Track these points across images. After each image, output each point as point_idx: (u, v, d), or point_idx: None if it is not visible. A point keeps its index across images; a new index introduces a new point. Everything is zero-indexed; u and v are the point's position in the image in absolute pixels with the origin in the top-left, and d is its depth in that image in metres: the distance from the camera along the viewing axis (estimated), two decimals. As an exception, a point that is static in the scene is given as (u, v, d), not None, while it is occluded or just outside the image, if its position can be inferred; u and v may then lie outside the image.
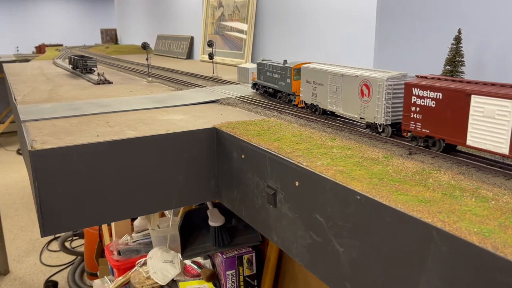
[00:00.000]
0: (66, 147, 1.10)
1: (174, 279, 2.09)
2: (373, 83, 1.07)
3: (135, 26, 6.40)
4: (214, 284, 2.02)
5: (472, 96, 0.83)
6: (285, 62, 1.55)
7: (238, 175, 1.20)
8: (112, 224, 2.87)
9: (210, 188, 1.33)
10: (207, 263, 2.12)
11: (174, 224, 2.29)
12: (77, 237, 4.38)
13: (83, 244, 4.00)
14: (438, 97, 0.91)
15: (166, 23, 4.98)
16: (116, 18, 7.81)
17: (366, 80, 1.09)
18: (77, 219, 1.15)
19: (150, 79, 2.39)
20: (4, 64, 3.50)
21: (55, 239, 4.43)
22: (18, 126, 1.65)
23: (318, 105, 1.32)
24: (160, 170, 1.23)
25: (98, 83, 2.26)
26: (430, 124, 0.94)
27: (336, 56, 2.28)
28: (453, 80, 0.91)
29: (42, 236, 1.14)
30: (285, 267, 2.01)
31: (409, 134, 1.02)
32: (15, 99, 1.81)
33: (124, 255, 2.46)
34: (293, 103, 1.50)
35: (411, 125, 0.98)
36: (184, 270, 2.12)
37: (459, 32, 1.28)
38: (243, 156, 1.16)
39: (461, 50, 1.29)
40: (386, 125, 1.07)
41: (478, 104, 0.83)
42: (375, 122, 1.09)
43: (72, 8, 10.41)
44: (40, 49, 8.59)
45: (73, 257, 4.12)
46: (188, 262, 2.13)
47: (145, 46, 2.32)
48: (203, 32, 3.79)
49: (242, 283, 1.99)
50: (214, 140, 1.29)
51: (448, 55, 1.31)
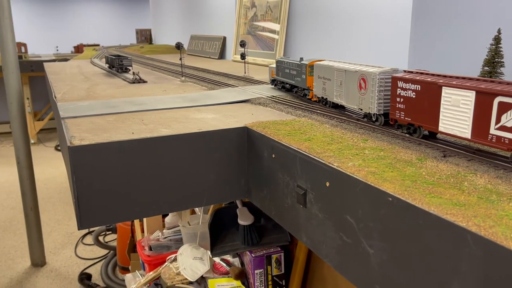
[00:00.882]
0: (103, 144, 1.13)
1: (203, 276, 2.11)
2: (368, 77, 1.19)
3: (169, 26, 6.51)
4: (243, 283, 2.04)
5: (443, 87, 0.95)
6: (301, 59, 1.66)
7: (268, 174, 1.21)
8: (144, 220, 2.94)
9: (240, 187, 1.34)
10: (236, 261, 2.14)
11: (204, 222, 2.32)
12: (110, 232, 4.49)
13: (115, 239, 4.11)
14: (417, 88, 1.03)
15: (199, 24, 5.05)
16: (151, 19, 7.97)
17: (363, 74, 1.21)
18: (111, 214, 1.19)
19: (184, 78, 2.43)
20: (45, 64, 3.63)
21: (89, 233, 4.57)
22: (58, 123, 1.72)
23: (327, 98, 1.45)
24: (192, 167, 1.25)
25: (133, 82, 2.32)
26: (411, 113, 1.06)
27: (369, 56, 2.25)
28: (432, 74, 1.02)
29: (79, 229, 1.18)
30: (313, 268, 2.00)
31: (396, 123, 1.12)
32: (55, 97, 1.89)
33: (155, 250, 2.51)
34: (307, 97, 1.63)
35: (397, 114, 1.11)
36: (213, 268, 2.14)
37: (499, 32, 1.24)
38: (273, 156, 1.17)
39: (500, 51, 1.25)
40: (379, 114, 1.18)
41: (447, 95, 0.94)
42: (370, 112, 1.20)
43: (109, 9, 10.70)
44: (78, 48, 8.88)
45: (106, 251, 4.24)
46: (217, 259, 2.16)
47: (179, 46, 2.36)
48: (236, 32, 3.82)
49: (270, 283, 1.99)
50: (245, 139, 1.30)
51: (486, 56, 1.27)
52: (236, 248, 1.95)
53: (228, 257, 2.16)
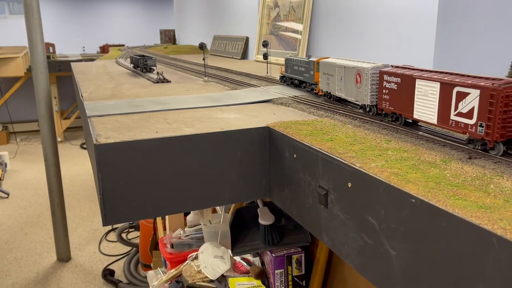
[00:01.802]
0: (128, 142, 1.16)
1: (224, 274, 2.13)
2: (362, 72, 1.31)
3: (193, 27, 6.57)
4: (263, 282, 2.04)
5: (416, 79, 1.08)
6: (309, 57, 1.81)
7: (290, 174, 1.21)
8: (166, 217, 2.98)
9: (261, 186, 1.34)
10: (256, 260, 2.14)
11: (225, 221, 2.33)
12: (133, 229, 4.57)
13: (138, 236, 4.17)
14: (398, 81, 1.15)
15: (222, 24, 5.09)
16: (175, 19, 8.07)
17: (358, 70, 1.34)
18: (135, 211, 1.21)
19: (206, 78, 2.45)
20: (72, 64, 3.72)
21: (112, 230, 4.65)
22: (84, 121, 1.76)
23: (330, 92, 1.58)
24: (214, 166, 1.26)
25: (157, 82, 2.35)
26: (394, 102, 1.19)
27: (393, 56, 2.22)
28: (411, 69, 1.14)
29: (103, 225, 1.21)
30: (334, 269, 1.99)
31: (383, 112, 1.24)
32: (82, 96, 1.93)
33: (177, 248, 2.54)
34: (314, 91, 1.77)
35: (383, 104, 1.23)
36: (234, 266, 2.15)
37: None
38: (295, 156, 1.17)
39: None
40: (371, 105, 1.30)
41: (420, 86, 1.07)
42: (364, 104, 1.32)
43: (134, 10, 10.88)
44: (104, 49, 9.05)
45: (129, 248, 4.31)
46: (237, 258, 2.17)
47: (202, 46, 2.38)
48: (258, 33, 3.83)
49: (290, 283, 1.99)
50: (267, 139, 1.31)
51: (515, 56, 1.24)
52: (256, 247, 1.96)
53: (248, 256, 2.17)
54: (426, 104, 1.05)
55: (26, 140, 8.62)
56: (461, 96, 0.94)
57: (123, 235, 4.47)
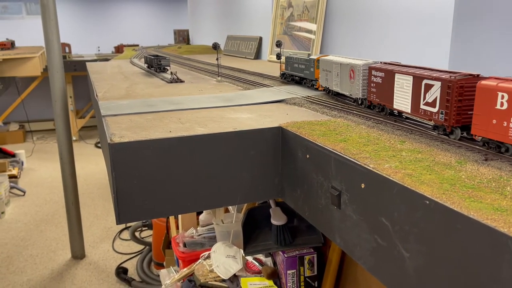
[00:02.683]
0: (141, 141, 1.17)
1: (236, 274, 2.13)
2: (355, 68, 1.43)
3: (206, 27, 6.60)
4: (275, 282, 2.04)
5: (396, 74, 1.20)
6: (309, 55, 1.96)
7: (302, 174, 1.20)
8: (179, 217, 2.99)
9: (274, 186, 1.34)
10: (268, 260, 2.14)
11: (238, 220, 2.34)
12: (146, 228, 4.61)
13: (151, 235, 4.21)
14: (382, 75, 1.28)
15: (236, 24, 5.10)
16: (189, 19, 8.11)
17: (352, 66, 1.45)
18: (148, 209, 1.22)
19: (220, 78, 2.46)
20: (87, 63, 3.77)
21: (126, 228, 4.70)
22: (99, 121, 1.78)
23: (328, 87, 1.70)
24: (226, 166, 1.26)
25: (171, 82, 2.37)
26: (379, 95, 1.31)
27: (408, 56, 2.20)
28: (396, 65, 1.26)
29: (117, 224, 1.22)
30: (346, 270, 1.98)
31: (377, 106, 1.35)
32: (96, 95, 1.95)
33: (189, 247, 2.55)
34: (314, 86, 1.89)
35: (371, 96, 1.36)
36: (246, 266, 2.16)
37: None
38: (307, 156, 1.17)
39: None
40: (363, 99, 1.42)
41: (398, 80, 1.20)
42: (357, 97, 1.45)
43: (148, 10, 10.97)
44: (119, 49, 9.15)
45: (142, 246, 4.35)
46: (249, 258, 2.17)
47: (215, 46, 2.39)
48: (272, 33, 3.83)
49: (302, 284, 1.98)
50: (279, 139, 1.31)
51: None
52: (268, 247, 1.96)
53: (260, 256, 2.17)
54: (402, 95, 1.19)
55: (42, 139, 8.75)
56: (428, 88, 1.08)
57: (136, 234, 4.51)
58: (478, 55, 1.93)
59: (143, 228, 4.63)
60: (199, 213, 2.93)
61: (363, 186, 0.93)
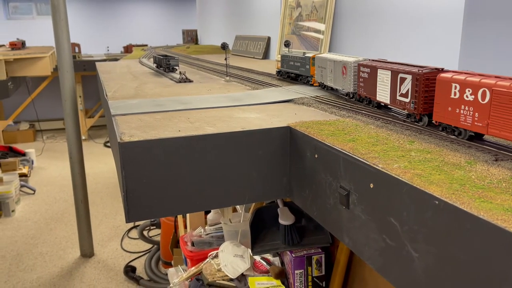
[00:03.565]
0: (151, 140, 1.18)
1: (244, 273, 2.14)
2: (347, 65, 1.55)
3: (215, 27, 6.62)
4: (283, 282, 2.04)
5: (378, 69, 1.33)
6: (304, 53, 2.06)
7: (311, 174, 1.20)
8: (187, 216, 3.01)
9: (282, 186, 1.35)
10: (276, 260, 2.14)
11: (245, 220, 2.34)
12: (154, 227, 4.63)
13: (159, 234, 4.23)
14: (368, 71, 1.40)
15: (244, 24, 5.10)
16: (197, 19, 8.13)
17: (345, 63, 1.58)
18: (157, 208, 1.23)
19: (228, 78, 2.47)
20: (97, 63, 3.80)
21: (134, 227, 4.73)
22: (108, 120, 1.80)
23: (323, 82, 1.82)
24: (235, 166, 1.27)
25: (180, 82, 2.38)
26: (366, 88, 1.44)
27: (417, 57, 2.19)
28: (380, 61, 1.38)
29: (126, 222, 1.23)
30: (354, 271, 1.98)
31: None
32: (106, 95, 1.97)
33: (197, 246, 2.56)
34: (310, 82, 2.00)
35: (360, 90, 1.48)
36: (254, 266, 2.16)
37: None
38: (316, 156, 1.17)
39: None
40: (353, 93, 1.55)
41: (380, 74, 1.32)
42: (348, 91, 1.58)
43: (157, 10, 11.01)
44: (128, 49, 9.20)
45: (150, 245, 4.37)
46: (257, 258, 2.17)
47: (224, 46, 2.40)
48: (280, 33, 3.83)
49: (310, 283, 1.98)
50: (288, 139, 1.31)
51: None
52: (276, 247, 1.96)
53: (268, 256, 2.17)
54: (383, 88, 1.32)
55: (52, 138, 8.83)
56: (402, 81, 1.21)
57: (145, 233, 4.53)
58: (488, 55, 1.91)
59: (151, 227, 4.65)
60: (207, 212, 2.94)
61: (371, 186, 0.93)
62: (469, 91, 0.98)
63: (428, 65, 1.19)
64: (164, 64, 2.78)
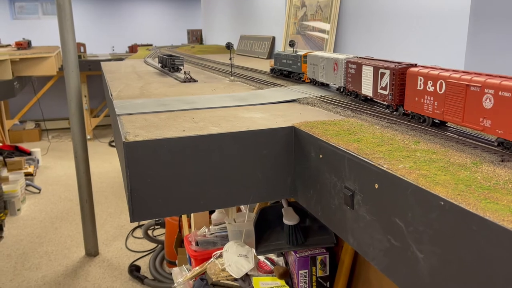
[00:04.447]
0: (155, 140, 1.18)
1: (248, 273, 2.14)
2: (338, 62, 1.68)
3: (220, 26, 6.62)
4: (287, 282, 2.04)
5: (363, 65, 1.46)
6: (296, 52, 2.16)
7: (315, 174, 1.20)
8: (192, 215, 3.01)
9: (286, 186, 1.34)
10: (280, 260, 2.14)
11: (250, 220, 2.34)
12: (158, 226, 4.64)
13: (164, 233, 4.24)
14: (355, 67, 1.53)
15: (249, 24, 5.10)
16: (202, 19, 8.14)
17: (336, 60, 1.70)
18: (162, 208, 1.23)
19: (233, 78, 2.47)
20: (102, 63, 3.81)
21: (139, 227, 4.74)
22: (113, 119, 1.80)
23: (315, 78, 1.94)
24: (239, 165, 1.27)
25: (184, 81, 2.38)
26: (353, 83, 1.56)
27: (423, 57, 2.18)
28: (366, 58, 1.50)
29: (131, 222, 1.23)
30: (359, 271, 1.97)
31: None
32: (111, 95, 1.97)
33: (202, 246, 2.57)
34: (301, 79, 2.10)
35: (348, 85, 1.60)
36: (258, 266, 2.16)
37: None
38: (321, 156, 1.17)
39: None
40: (344, 87, 1.67)
41: (364, 70, 1.45)
42: (339, 86, 1.70)
43: (162, 10, 11.04)
44: (133, 48, 9.23)
45: (154, 245, 4.38)
46: (261, 258, 2.17)
47: (229, 46, 2.40)
48: (285, 32, 3.83)
49: (314, 284, 1.98)
50: (292, 139, 1.31)
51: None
52: (280, 247, 1.96)
53: (272, 256, 2.17)
54: (367, 82, 1.44)
55: (57, 137, 8.87)
56: (382, 75, 1.33)
57: (149, 232, 4.55)
58: (494, 53, 1.90)
59: (156, 227, 4.67)
60: (211, 212, 2.94)
61: (376, 186, 0.93)
62: (430, 83, 1.11)
63: (404, 61, 1.30)
64: (169, 64, 2.79)
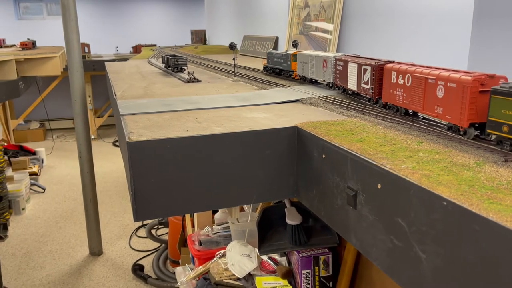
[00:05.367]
0: (159, 140, 1.18)
1: (251, 273, 2.14)
2: (327, 60, 1.81)
3: (223, 27, 6.63)
4: (289, 282, 2.04)
5: (349, 63, 1.60)
6: (286, 51, 2.32)
7: (318, 174, 1.20)
8: (195, 215, 3.02)
9: (289, 186, 1.35)
10: (283, 260, 2.14)
11: (253, 220, 2.34)
12: (162, 226, 4.65)
13: (167, 233, 4.24)
14: (342, 64, 1.66)
15: (252, 24, 5.10)
16: (206, 20, 8.15)
17: (325, 58, 1.83)
18: (165, 207, 1.24)
19: (236, 78, 2.47)
20: (106, 63, 3.82)
21: (142, 226, 4.75)
22: (117, 119, 1.81)
23: (305, 75, 2.08)
24: (242, 165, 1.27)
25: (188, 82, 2.39)
26: (341, 79, 1.70)
27: (427, 57, 2.17)
28: (352, 56, 1.63)
29: (135, 221, 1.24)
30: (361, 271, 1.97)
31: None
32: (115, 95, 1.98)
33: (205, 245, 2.57)
34: (292, 76, 2.26)
35: (337, 80, 1.75)
36: (261, 265, 2.16)
37: None
38: (324, 156, 1.17)
39: None
40: (333, 83, 1.79)
41: (350, 67, 1.60)
42: (329, 82, 1.84)
43: (165, 10, 11.06)
44: (137, 49, 9.24)
45: (158, 244, 4.39)
46: (264, 257, 2.18)
47: (232, 47, 2.40)
48: (288, 33, 3.83)
49: (317, 284, 1.98)
50: (295, 139, 1.31)
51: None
52: (283, 247, 1.96)
53: (275, 255, 2.17)
54: (352, 78, 1.58)
55: (61, 137, 8.91)
56: (364, 71, 1.47)
57: (153, 231, 4.55)
58: (499, 52, 1.89)
59: (159, 226, 4.67)
60: (214, 211, 2.95)
61: (379, 186, 0.93)
62: (400, 76, 1.26)
63: (383, 58, 1.43)
64: (173, 64, 2.80)
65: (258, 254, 2.13)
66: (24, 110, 8.34)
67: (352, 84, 1.59)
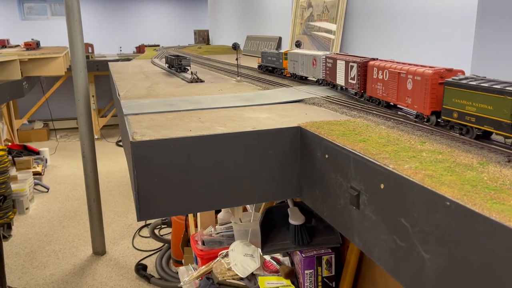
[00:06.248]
0: (162, 140, 1.19)
1: (254, 273, 2.14)
2: (317, 58, 1.92)
3: (226, 27, 6.63)
4: (292, 282, 2.04)
5: (337, 60, 1.72)
6: (278, 49, 2.40)
7: (321, 174, 1.20)
8: (198, 215, 3.02)
9: (292, 186, 1.35)
10: (286, 260, 2.14)
11: (256, 220, 2.35)
12: (165, 225, 4.65)
13: (170, 232, 4.25)
14: (331, 61, 1.79)
15: (255, 24, 5.11)
16: (209, 20, 8.16)
17: (315, 56, 1.95)
18: (168, 207, 1.24)
19: (239, 78, 2.48)
20: (109, 63, 3.83)
21: (146, 226, 4.76)
22: (120, 119, 1.81)
23: (295, 73, 2.21)
24: (245, 165, 1.27)
25: (191, 82, 2.39)
26: (330, 75, 1.81)
27: (430, 57, 2.17)
28: (340, 54, 1.75)
29: (138, 221, 1.24)
30: (364, 271, 1.97)
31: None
32: (118, 95, 1.99)
33: (208, 245, 2.58)
34: (283, 74, 2.38)
35: (326, 77, 1.86)
36: (263, 265, 2.16)
37: None
38: (326, 156, 1.17)
39: None
40: (322, 79, 1.91)
41: (338, 64, 1.71)
42: (318, 78, 1.96)
43: (169, 11, 11.08)
44: (140, 49, 9.26)
45: (161, 244, 4.40)
46: (267, 257, 2.18)
47: (235, 47, 2.40)
48: (291, 33, 3.83)
49: (320, 284, 1.98)
50: (298, 139, 1.31)
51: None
52: (286, 247, 1.96)
53: (278, 255, 2.18)
54: (340, 74, 1.70)
55: (65, 137, 8.94)
56: (351, 68, 1.59)
57: (156, 231, 4.56)
58: (502, 53, 1.89)
59: (163, 226, 4.68)
60: (217, 211, 2.95)
61: (382, 186, 0.93)
62: (380, 72, 1.39)
63: (367, 56, 1.55)
64: (176, 64, 2.80)
65: (261, 254, 2.13)
66: (28, 110, 8.37)
67: (340, 80, 1.71)
